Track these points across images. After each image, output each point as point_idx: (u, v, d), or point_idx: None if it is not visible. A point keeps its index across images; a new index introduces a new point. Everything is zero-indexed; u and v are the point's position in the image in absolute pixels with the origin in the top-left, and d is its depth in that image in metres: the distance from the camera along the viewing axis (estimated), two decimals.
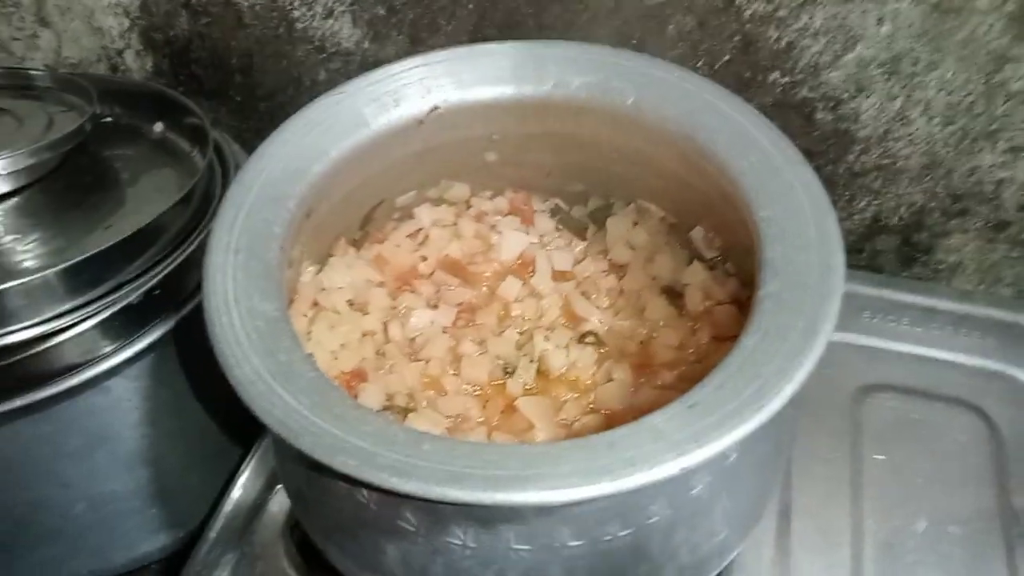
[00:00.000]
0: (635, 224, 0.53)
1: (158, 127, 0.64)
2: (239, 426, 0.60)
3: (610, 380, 0.46)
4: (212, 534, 0.52)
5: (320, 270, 0.49)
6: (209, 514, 0.55)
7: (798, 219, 0.39)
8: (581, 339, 0.48)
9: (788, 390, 0.32)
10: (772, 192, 0.40)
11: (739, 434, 0.31)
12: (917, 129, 0.62)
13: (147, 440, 0.56)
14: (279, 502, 0.55)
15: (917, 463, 0.54)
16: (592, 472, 0.30)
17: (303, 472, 0.39)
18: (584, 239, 0.54)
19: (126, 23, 0.76)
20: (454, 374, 0.47)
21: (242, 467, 0.56)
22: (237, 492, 0.55)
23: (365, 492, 0.34)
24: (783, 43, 0.61)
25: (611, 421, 0.44)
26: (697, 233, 0.50)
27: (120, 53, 0.78)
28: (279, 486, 0.55)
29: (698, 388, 0.34)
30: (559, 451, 0.31)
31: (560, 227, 0.55)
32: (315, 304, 0.48)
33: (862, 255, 0.70)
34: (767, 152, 0.42)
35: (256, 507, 0.54)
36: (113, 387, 0.53)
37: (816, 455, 0.55)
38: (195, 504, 0.59)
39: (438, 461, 0.31)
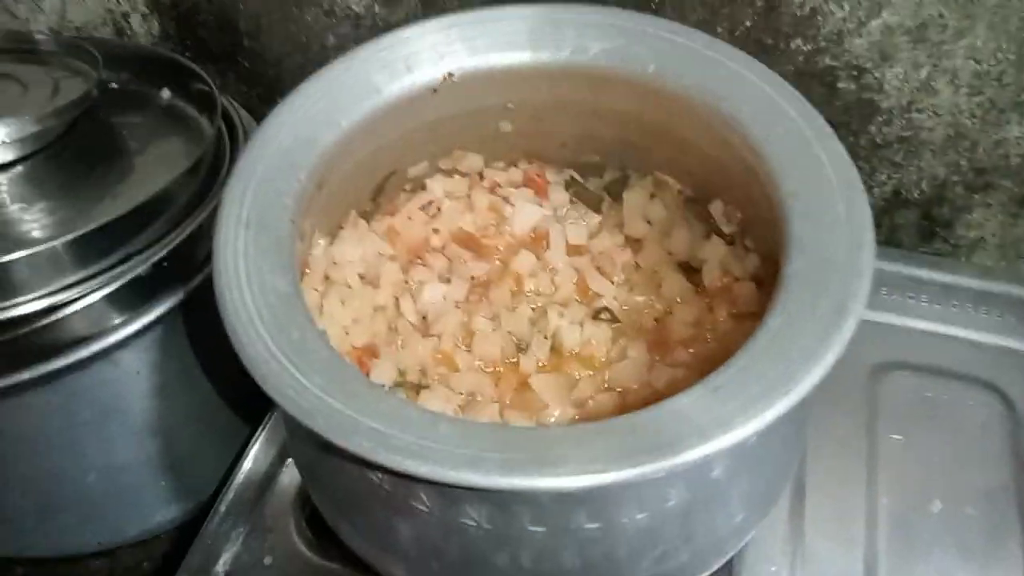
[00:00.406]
0: (652, 197, 0.52)
1: (165, 93, 0.63)
2: (250, 399, 0.59)
3: (625, 358, 0.45)
4: (223, 506, 0.52)
5: (331, 243, 0.48)
6: (220, 486, 0.54)
7: (826, 194, 0.38)
8: (595, 315, 0.48)
9: (817, 373, 0.31)
10: (799, 166, 0.39)
11: (766, 419, 0.30)
12: (943, 99, 0.60)
13: (158, 412, 0.56)
14: (290, 475, 0.54)
15: (934, 443, 0.53)
16: (614, 457, 0.29)
17: (314, 451, 0.39)
18: (599, 212, 0.53)
19: None
20: (466, 350, 0.47)
21: (253, 439, 0.55)
22: (248, 464, 0.54)
23: (379, 474, 0.33)
24: (807, 9, 0.58)
25: (626, 400, 0.43)
26: (716, 207, 0.49)
27: (126, 16, 0.76)
28: (290, 459, 0.55)
29: (722, 370, 0.33)
30: (580, 435, 0.31)
31: (575, 200, 0.54)
32: (326, 278, 0.47)
33: (881, 229, 0.68)
34: (794, 123, 0.41)
35: (267, 480, 0.54)
36: (123, 359, 0.52)
37: (832, 434, 0.54)
38: (206, 476, 0.59)
39: (454, 444, 0.30)
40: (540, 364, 0.46)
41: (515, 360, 0.46)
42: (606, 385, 0.45)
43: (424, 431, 0.31)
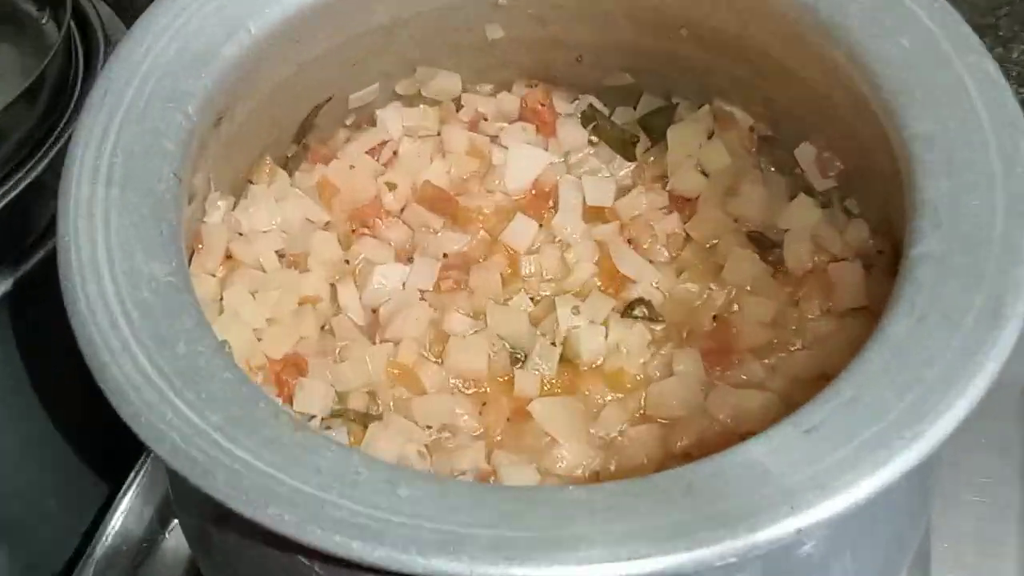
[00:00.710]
0: (710, 137, 0.52)
1: None
2: (116, 436, 0.59)
3: (671, 374, 0.45)
4: None
5: (235, 205, 0.48)
6: (75, 557, 0.55)
7: (973, 139, 0.37)
8: (627, 311, 0.48)
9: (961, 407, 0.31)
10: (932, 96, 0.39)
11: (887, 476, 0.30)
12: None
13: None
14: (177, 541, 0.55)
15: None
16: (659, 536, 0.29)
17: (210, 522, 0.38)
18: (632, 159, 0.53)
19: None
20: (436, 362, 0.47)
21: (120, 495, 0.55)
22: (115, 526, 0.55)
23: (308, 559, 0.33)
24: None
25: (671, 435, 0.43)
26: (806, 152, 0.49)
27: None
28: (176, 521, 0.55)
29: (819, 401, 0.32)
30: (607, 498, 0.30)
31: (595, 140, 0.54)
32: (228, 258, 0.47)
33: None
34: (926, 31, 0.40)
35: (144, 548, 0.55)
36: None
37: (968, 480, 0.54)
38: (56, 543, 0.58)
39: (422, 514, 0.29)
40: (546, 383, 0.46)
41: (508, 377, 0.46)
42: (642, 412, 0.45)
43: (377, 495, 0.30)
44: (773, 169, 0.51)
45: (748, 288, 0.48)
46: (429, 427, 0.44)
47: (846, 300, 0.45)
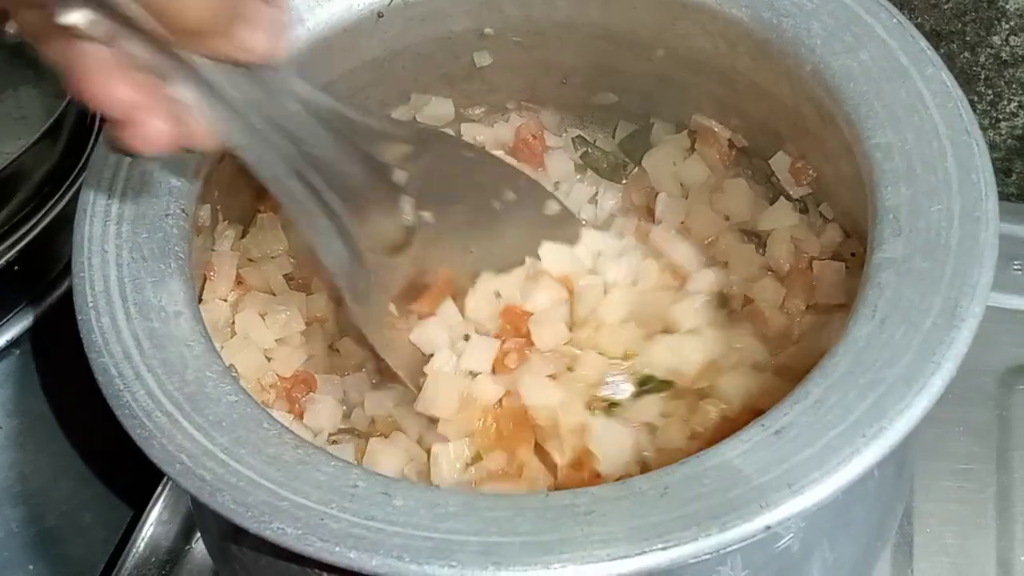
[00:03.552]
0: (691, 152, 0.52)
1: (12, 27, 0.62)
2: (142, 453, 0.60)
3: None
4: None
5: (244, 234, 0.48)
6: (108, 567, 0.54)
7: (930, 148, 0.37)
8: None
9: (921, 404, 0.31)
10: (892, 107, 0.38)
11: (851, 473, 0.30)
12: None
13: (17, 470, 0.56)
14: (201, 551, 0.54)
15: None
16: (639, 536, 0.29)
17: (226, 537, 0.38)
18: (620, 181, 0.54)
19: None
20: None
21: (149, 506, 0.55)
22: (144, 538, 0.54)
23: (314, 569, 0.33)
24: None
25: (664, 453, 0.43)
26: (780, 161, 0.49)
27: None
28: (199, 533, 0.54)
29: (788, 403, 0.32)
30: (589, 503, 0.30)
31: (583, 166, 0.54)
32: (239, 283, 0.47)
33: (1010, 179, 0.68)
34: (884, 47, 0.40)
35: (171, 557, 0.54)
36: None
37: (947, 467, 0.54)
38: (91, 554, 0.58)
39: (415, 523, 0.30)
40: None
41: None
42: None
43: (371, 506, 0.30)
44: (752, 178, 0.51)
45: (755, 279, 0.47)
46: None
47: (827, 297, 0.45)
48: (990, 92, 0.64)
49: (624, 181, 0.53)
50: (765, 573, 0.36)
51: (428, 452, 0.43)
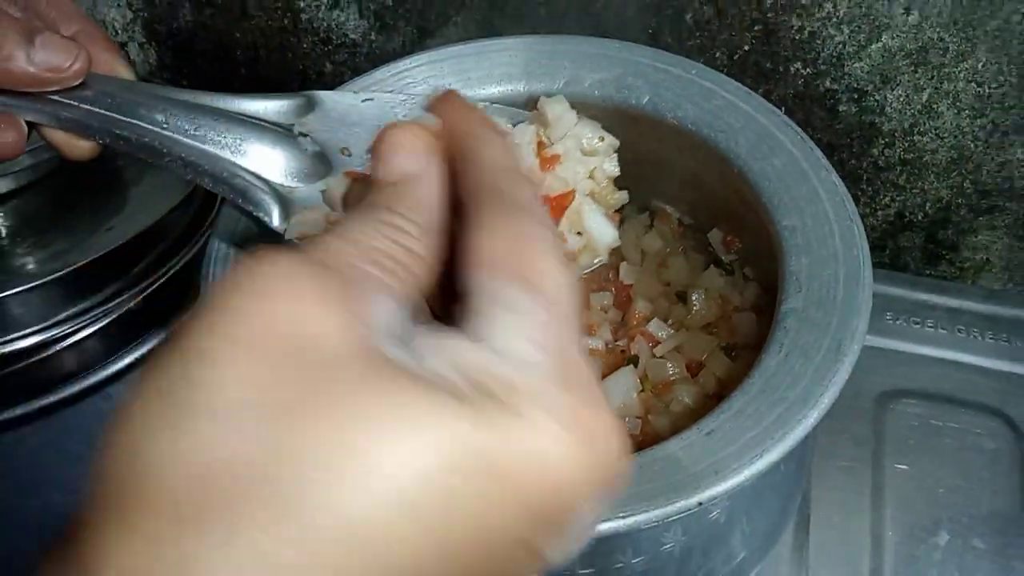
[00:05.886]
0: (647, 229, 0.52)
1: None
2: None
3: None
4: None
5: None
6: None
7: (823, 229, 0.37)
8: None
9: (813, 417, 0.31)
10: (796, 199, 0.39)
11: (761, 465, 0.30)
12: (945, 122, 0.59)
13: None
14: None
15: (941, 473, 0.52)
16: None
17: None
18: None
19: (129, 15, 0.74)
20: None
21: None
22: None
23: None
24: (805, 33, 0.58)
25: None
26: (715, 235, 0.49)
27: (123, 46, 0.76)
28: None
29: (716, 413, 0.32)
30: None
31: None
32: None
33: (885, 252, 0.67)
34: (791, 156, 0.41)
35: None
36: (116, 393, 0.52)
37: (837, 464, 0.53)
38: None
39: None
40: None
41: None
42: None
43: None
44: (692, 249, 0.50)
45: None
46: None
47: (743, 339, 0.45)
48: (870, 189, 0.64)
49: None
50: (699, 539, 0.36)
51: None
